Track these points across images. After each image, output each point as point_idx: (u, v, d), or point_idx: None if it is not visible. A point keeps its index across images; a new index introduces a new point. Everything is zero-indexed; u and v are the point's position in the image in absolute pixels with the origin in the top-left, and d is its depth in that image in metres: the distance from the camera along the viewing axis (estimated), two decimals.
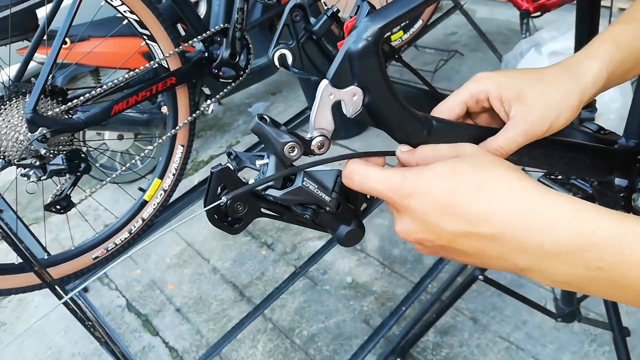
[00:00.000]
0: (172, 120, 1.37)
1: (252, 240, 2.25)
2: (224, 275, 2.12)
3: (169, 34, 1.27)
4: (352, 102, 0.42)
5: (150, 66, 1.24)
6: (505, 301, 1.69)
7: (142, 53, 2.49)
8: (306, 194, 0.44)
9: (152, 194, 1.39)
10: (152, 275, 2.19)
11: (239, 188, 0.43)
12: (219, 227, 0.45)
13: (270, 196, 0.44)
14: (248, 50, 1.40)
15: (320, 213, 0.46)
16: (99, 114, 1.16)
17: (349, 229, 0.47)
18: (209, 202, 0.44)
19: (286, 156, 0.42)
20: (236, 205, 0.44)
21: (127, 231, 1.36)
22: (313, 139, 0.43)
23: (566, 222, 0.33)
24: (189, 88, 1.36)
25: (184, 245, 2.32)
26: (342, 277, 1.95)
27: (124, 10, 1.19)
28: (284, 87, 3.29)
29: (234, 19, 1.33)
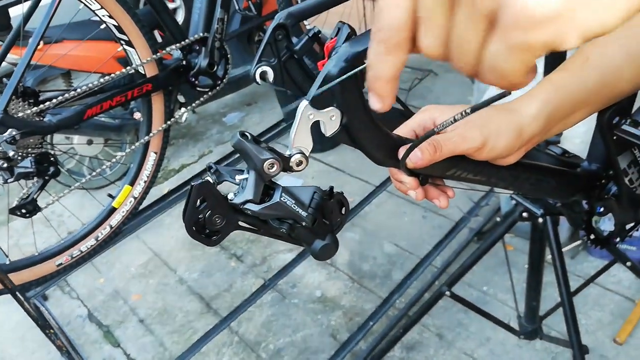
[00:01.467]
0: (146, 127, 1.36)
1: (222, 252, 2.22)
2: (190, 286, 2.08)
3: (147, 40, 1.26)
4: (331, 122, 0.44)
5: (126, 72, 1.23)
6: (471, 317, 1.72)
7: (117, 58, 2.47)
8: (284, 209, 0.46)
9: (121, 200, 1.36)
10: (116, 285, 2.14)
11: (218, 202, 0.44)
12: (197, 239, 0.46)
13: (249, 210, 0.45)
14: (226, 60, 1.40)
15: (296, 227, 0.47)
16: (71, 118, 1.14)
17: (323, 243, 0.48)
18: (188, 215, 0.44)
19: (266, 172, 0.43)
20: (214, 218, 0.45)
21: (94, 238, 1.33)
22: (292, 156, 0.44)
23: None
24: (165, 95, 1.35)
25: (150, 255, 2.27)
26: (311, 290, 1.94)
27: (102, 15, 1.17)
28: (259, 98, 3.30)
29: (213, 29, 1.33)
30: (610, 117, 0.59)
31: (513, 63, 0.24)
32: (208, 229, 0.45)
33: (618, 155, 0.64)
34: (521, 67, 0.25)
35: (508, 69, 0.25)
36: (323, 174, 2.52)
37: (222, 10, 1.32)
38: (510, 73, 0.25)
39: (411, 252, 2.02)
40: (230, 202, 0.45)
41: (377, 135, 0.46)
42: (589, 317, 1.64)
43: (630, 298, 1.65)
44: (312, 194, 0.47)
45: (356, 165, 2.48)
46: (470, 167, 0.53)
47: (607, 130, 0.60)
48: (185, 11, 4.11)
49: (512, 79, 0.25)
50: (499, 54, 0.24)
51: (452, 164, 0.52)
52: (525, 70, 0.25)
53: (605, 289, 1.70)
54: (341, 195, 0.50)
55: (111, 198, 1.37)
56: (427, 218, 2.18)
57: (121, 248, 2.25)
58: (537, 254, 1.31)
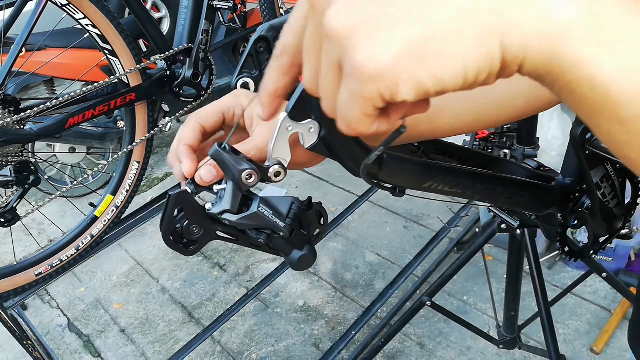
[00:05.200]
0: (129, 136, 1.35)
1: (204, 261, 2.22)
2: (173, 295, 2.07)
3: (131, 50, 1.26)
4: (309, 134, 0.45)
5: (110, 81, 1.23)
6: (451, 327, 1.74)
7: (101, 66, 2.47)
8: (261, 219, 0.46)
9: (103, 210, 1.36)
10: (97, 294, 2.12)
11: (196, 211, 0.45)
12: (174, 248, 0.47)
13: (227, 220, 0.45)
14: (211, 71, 1.41)
15: (274, 238, 0.48)
16: (52, 127, 1.13)
17: (301, 254, 0.49)
18: (165, 225, 0.45)
19: (244, 183, 0.44)
20: (192, 228, 0.45)
21: (75, 248, 1.32)
22: (270, 167, 0.44)
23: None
24: (149, 105, 1.35)
25: (132, 264, 2.26)
26: (294, 300, 1.95)
27: (86, 24, 1.18)
28: None
29: (198, 40, 1.34)
30: (583, 132, 0.61)
31: (353, 111, 0.25)
32: (186, 239, 0.46)
33: (591, 170, 0.66)
34: (361, 115, 0.25)
35: (349, 116, 0.25)
36: (306, 184, 2.54)
37: (206, 22, 1.33)
38: (352, 120, 0.25)
39: (393, 261, 2.04)
40: (208, 212, 0.45)
41: (354, 147, 0.48)
42: (566, 327, 1.66)
43: (607, 308, 1.68)
44: (290, 204, 0.48)
45: (339, 175, 2.50)
46: (446, 179, 0.55)
47: (579, 146, 0.62)
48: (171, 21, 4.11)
49: (355, 126, 0.26)
50: (343, 101, 0.25)
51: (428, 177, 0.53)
52: (366, 118, 0.25)
53: (582, 299, 1.73)
54: (320, 206, 0.51)
55: (93, 207, 1.36)
56: (408, 228, 2.20)
57: (103, 257, 2.23)
58: (515, 265, 1.33)
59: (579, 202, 0.71)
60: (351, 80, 0.23)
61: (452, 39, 0.22)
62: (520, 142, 1.19)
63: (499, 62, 0.23)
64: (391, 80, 0.23)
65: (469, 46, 0.22)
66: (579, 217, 0.71)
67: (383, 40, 0.22)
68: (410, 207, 2.29)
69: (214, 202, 0.46)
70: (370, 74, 0.23)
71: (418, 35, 0.22)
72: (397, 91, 0.23)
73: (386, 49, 0.22)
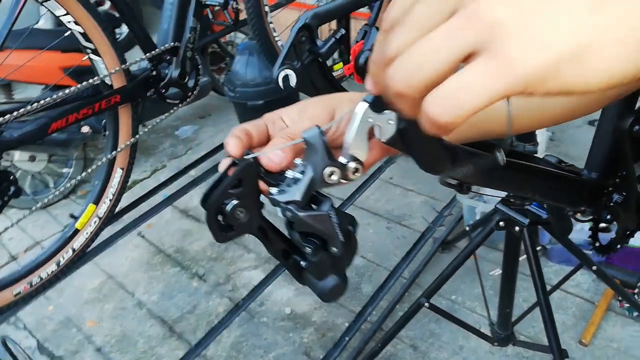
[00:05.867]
0: (112, 142, 1.27)
1: (182, 271, 2.12)
2: (150, 309, 1.97)
3: (115, 48, 1.18)
4: (387, 127, 0.41)
5: (93, 82, 1.15)
6: (442, 327, 1.73)
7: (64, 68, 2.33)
8: (326, 225, 0.41)
9: (85, 221, 1.27)
10: (68, 312, 1.99)
11: (251, 192, 0.40)
12: (212, 225, 0.40)
13: (289, 212, 0.40)
14: (197, 71, 1.34)
15: (320, 252, 0.42)
16: (34, 132, 1.04)
17: (337, 280, 0.43)
18: (217, 194, 0.39)
19: (324, 178, 0.40)
20: (238, 210, 0.40)
21: (55, 263, 1.22)
22: (347, 164, 0.40)
23: None
24: (133, 107, 1.27)
25: (103, 278, 2.13)
26: (280, 308, 1.89)
27: (67, 21, 1.09)
28: (213, 111, 3.22)
29: (185, 38, 1.27)
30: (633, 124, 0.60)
31: (470, 99, 0.24)
32: (224, 221, 0.40)
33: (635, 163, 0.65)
34: (475, 105, 0.24)
35: (463, 100, 0.24)
36: None
37: (194, 19, 1.27)
38: (465, 105, 0.24)
39: (378, 263, 2.02)
40: (271, 197, 0.40)
41: (433, 142, 0.44)
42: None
43: (590, 300, 1.73)
44: (349, 221, 0.44)
45: None
46: (516, 176, 0.53)
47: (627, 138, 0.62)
48: None
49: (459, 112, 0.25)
50: (458, 85, 0.24)
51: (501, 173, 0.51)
52: (474, 109, 0.24)
53: (566, 292, 1.77)
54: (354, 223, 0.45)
55: (74, 219, 1.26)
56: (391, 229, 2.19)
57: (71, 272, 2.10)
58: (512, 262, 1.34)
59: (611, 197, 0.71)
60: (489, 69, 0.23)
61: (608, 46, 0.22)
62: (520, 139, 1.19)
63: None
64: (535, 79, 0.22)
65: (624, 55, 0.22)
66: (611, 211, 0.71)
67: (544, 43, 0.22)
68: (391, 208, 2.28)
69: (280, 190, 0.41)
70: (518, 69, 0.22)
71: (574, 40, 0.22)
72: (537, 89, 0.23)
73: (545, 52, 0.22)
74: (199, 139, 3.02)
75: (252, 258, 2.13)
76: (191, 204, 2.47)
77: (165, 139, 3.03)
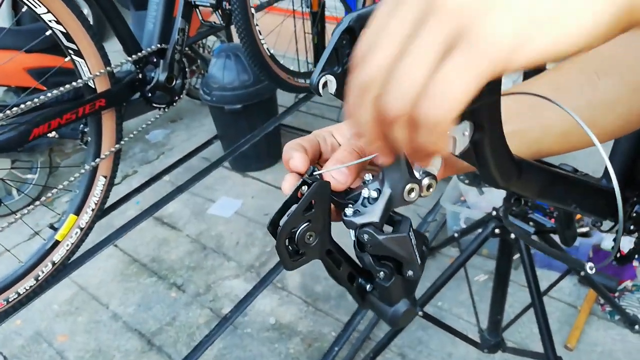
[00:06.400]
0: (94, 148, 1.20)
1: (159, 281, 2.04)
2: (127, 322, 1.88)
3: (99, 49, 1.11)
4: (462, 138, 0.38)
5: (75, 85, 1.07)
6: (430, 334, 1.72)
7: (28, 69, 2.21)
8: (405, 247, 0.38)
9: (65, 232, 1.19)
10: (37, 326, 1.88)
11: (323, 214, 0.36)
12: (281, 249, 0.37)
13: (367, 235, 0.36)
14: (184, 74, 1.29)
15: (395, 276, 0.39)
16: (15, 138, 0.96)
17: (408, 305, 0.40)
18: (292, 217, 0.35)
19: (403, 196, 0.36)
20: (308, 234, 0.36)
21: (34, 278, 1.14)
22: (422, 180, 0.37)
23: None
24: (117, 112, 1.20)
25: (75, 289, 2.03)
26: (264, 318, 1.84)
27: (49, 20, 1.02)
28: (185, 114, 3.13)
29: (173, 40, 1.21)
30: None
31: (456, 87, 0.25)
32: (292, 245, 0.37)
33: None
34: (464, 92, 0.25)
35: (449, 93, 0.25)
36: (263, 193, 2.44)
37: (183, 20, 1.21)
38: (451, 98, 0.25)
39: None
40: (346, 219, 0.37)
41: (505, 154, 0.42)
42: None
43: (573, 304, 1.76)
44: (424, 240, 0.40)
45: None
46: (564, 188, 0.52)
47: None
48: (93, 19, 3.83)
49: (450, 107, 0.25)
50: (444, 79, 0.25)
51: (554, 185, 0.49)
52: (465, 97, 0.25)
53: (549, 297, 1.79)
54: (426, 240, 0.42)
55: (53, 230, 1.18)
56: None
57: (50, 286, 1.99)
58: (505, 269, 1.34)
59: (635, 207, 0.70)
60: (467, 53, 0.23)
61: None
62: None
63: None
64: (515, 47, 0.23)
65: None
66: (635, 222, 0.71)
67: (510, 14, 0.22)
68: None
69: (355, 210, 0.37)
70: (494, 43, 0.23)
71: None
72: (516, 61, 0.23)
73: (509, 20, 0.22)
74: (170, 144, 2.93)
75: (233, 266, 2.07)
76: (166, 212, 2.39)
77: (135, 143, 2.93)
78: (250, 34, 1.43)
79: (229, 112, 2.30)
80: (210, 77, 2.33)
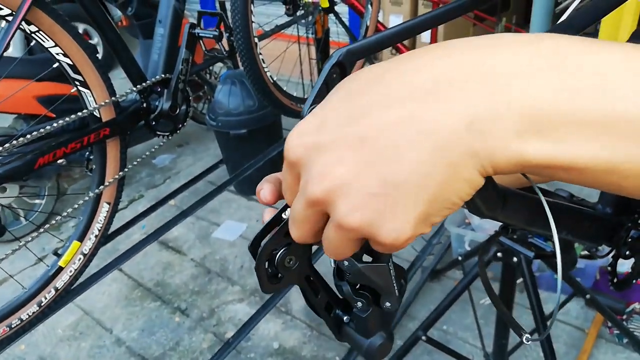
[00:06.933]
0: (99, 176, 1.22)
1: (163, 306, 2.04)
2: (130, 347, 1.88)
3: (104, 80, 1.14)
4: None
5: (81, 115, 1.10)
6: (435, 359, 1.71)
7: (38, 97, 2.26)
8: (384, 277, 0.38)
9: (69, 259, 1.20)
10: (41, 351, 1.88)
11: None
12: (260, 272, 0.37)
13: (347, 262, 0.36)
14: (188, 102, 1.31)
15: (372, 307, 0.39)
16: (20, 167, 0.99)
17: (383, 339, 0.40)
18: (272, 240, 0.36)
19: None
20: (288, 258, 0.37)
21: (37, 304, 1.15)
22: None
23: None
24: (121, 140, 1.23)
25: (79, 314, 2.03)
26: (267, 342, 1.83)
27: (56, 53, 1.05)
28: (191, 139, 3.17)
29: (177, 70, 1.24)
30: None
31: (335, 243, 0.30)
32: (271, 268, 0.37)
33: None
34: (347, 248, 0.31)
35: (336, 251, 0.31)
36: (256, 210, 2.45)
37: (187, 51, 1.25)
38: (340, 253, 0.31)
39: None
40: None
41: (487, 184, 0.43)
42: None
43: (580, 327, 1.74)
44: (403, 273, 0.41)
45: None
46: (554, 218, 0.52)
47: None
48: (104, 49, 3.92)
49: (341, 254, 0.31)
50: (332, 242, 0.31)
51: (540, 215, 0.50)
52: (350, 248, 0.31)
53: (557, 320, 1.77)
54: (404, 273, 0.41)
55: (57, 256, 1.20)
56: None
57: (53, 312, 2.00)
58: (508, 292, 1.33)
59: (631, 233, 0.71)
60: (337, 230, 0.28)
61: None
62: None
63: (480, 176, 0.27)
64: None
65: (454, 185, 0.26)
66: (630, 247, 0.71)
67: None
68: None
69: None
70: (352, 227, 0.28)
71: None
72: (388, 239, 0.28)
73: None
74: (177, 168, 2.96)
75: (237, 291, 2.07)
76: (171, 235, 2.40)
77: (141, 168, 2.96)
78: (253, 62, 1.46)
79: (234, 137, 2.33)
80: (216, 103, 2.37)
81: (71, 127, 1.15)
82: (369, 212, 0.26)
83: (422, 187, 0.26)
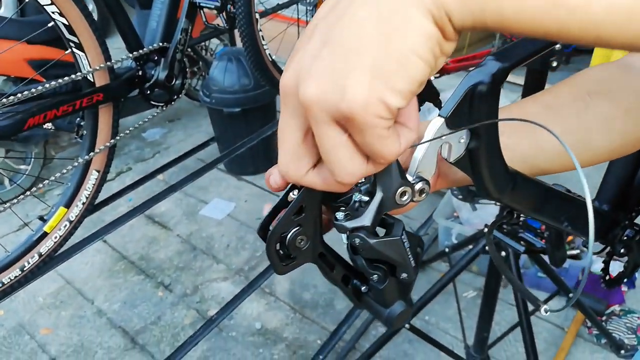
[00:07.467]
0: (89, 142, 1.19)
1: (146, 280, 2.03)
2: (111, 318, 1.87)
3: (100, 44, 1.11)
4: (458, 145, 0.38)
5: (74, 77, 1.07)
6: (416, 348, 1.72)
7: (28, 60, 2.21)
8: (398, 250, 0.38)
9: (54, 224, 1.18)
10: (20, 318, 1.86)
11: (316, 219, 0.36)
12: (271, 255, 0.36)
13: (358, 239, 0.36)
14: (184, 73, 1.29)
15: (388, 279, 0.39)
16: (9, 127, 0.96)
17: (404, 306, 0.40)
18: (282, 222, 0.35)
19: (396, 200, 0.36)
20: (299, 238, 0.36)
21: (19, 268, 1.13)
22: (415, 184, 0.36)
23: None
24: (114, 107, 1.20)
25: (61, 283, 2.01)
26: (250, 322, 1.83)
27: (52, 11, 1.02)
28: (183, 115, 3.13)
29: (176, 39, 1.21)
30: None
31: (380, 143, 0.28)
32: (283, 250, 0.37)
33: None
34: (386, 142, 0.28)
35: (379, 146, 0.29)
36: (255, 198, 2.43)
37: (186, 21, 1.22)
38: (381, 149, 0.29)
39: None
40: (337, 224, 0.36)
41: (500, 165, 0.42)
42: None
43: (560, 326, 1.76)
44: (419, 241, 0.40)
45: None
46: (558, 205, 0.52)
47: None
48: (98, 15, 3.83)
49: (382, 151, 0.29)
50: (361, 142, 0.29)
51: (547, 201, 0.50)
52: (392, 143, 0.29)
53: (537, 317, 1.79)
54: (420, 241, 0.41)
55: (42, 221, 1.17)
56: None
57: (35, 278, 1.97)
58: (494, 286, 1.34)
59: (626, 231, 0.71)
60: (356, 123, 0.26)
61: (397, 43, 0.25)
62: None
63: (437, 30, 0.25)
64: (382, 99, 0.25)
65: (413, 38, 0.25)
66: (625, 245, 0.71)
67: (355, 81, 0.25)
68: None
69: (346, 214, 0.37)
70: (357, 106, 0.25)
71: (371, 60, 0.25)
72: (390, 99, 0.25)
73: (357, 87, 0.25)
74: (167, 143, 2.93)
75: (222, 269, 2.06)
76: (157, 210, 2.38)
77: (131, 140, 2.92)
78: (253, 38, 1.43)
79: (228, 115, 2.30)
80: (211, 80, 2.34)
81: (63, 90, 1.12)
82: (321, 78, 0.25)
83: (365, 38, 0.24)
